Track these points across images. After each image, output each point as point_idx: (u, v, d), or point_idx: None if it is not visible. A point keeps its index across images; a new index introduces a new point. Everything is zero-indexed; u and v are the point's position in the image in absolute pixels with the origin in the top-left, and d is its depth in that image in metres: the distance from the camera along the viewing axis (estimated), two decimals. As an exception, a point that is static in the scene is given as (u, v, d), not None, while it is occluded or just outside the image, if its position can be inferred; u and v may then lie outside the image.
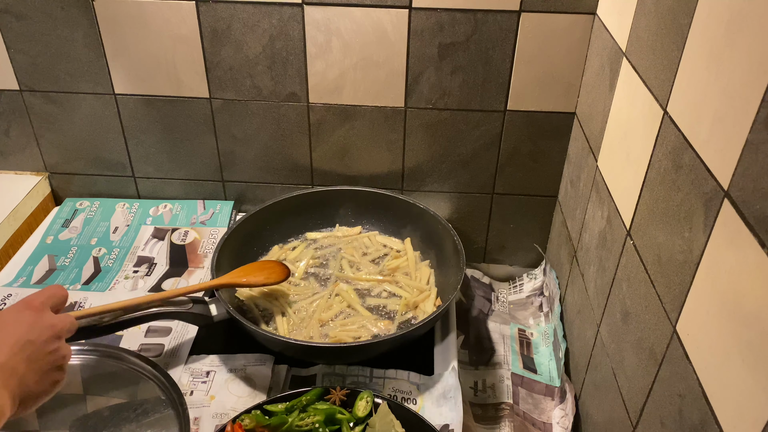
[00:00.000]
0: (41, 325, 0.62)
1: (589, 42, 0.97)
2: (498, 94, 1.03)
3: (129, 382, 0.81)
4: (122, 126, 1.13)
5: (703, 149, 0.55)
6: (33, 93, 1.10)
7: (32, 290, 1.01)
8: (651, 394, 0.64)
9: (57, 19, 1.02)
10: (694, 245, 0.55)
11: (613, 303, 0.78)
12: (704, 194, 0.54)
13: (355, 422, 0.78)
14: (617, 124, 0.81)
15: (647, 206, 0.68)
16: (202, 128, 1.11)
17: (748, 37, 0.49)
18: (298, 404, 0.78)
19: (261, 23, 0.99)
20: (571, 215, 1.02)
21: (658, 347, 0.62)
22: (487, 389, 0.97)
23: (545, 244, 1.20)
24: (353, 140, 1.10)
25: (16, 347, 0.59)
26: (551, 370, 1.01)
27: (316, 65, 1.03)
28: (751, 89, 0.47)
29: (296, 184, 1.16)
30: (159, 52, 1.04)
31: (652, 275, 0.66)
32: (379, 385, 0.87)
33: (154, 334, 0.94)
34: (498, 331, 1.08)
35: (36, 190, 1.17)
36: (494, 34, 0.97)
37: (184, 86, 1.07)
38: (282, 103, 1.07)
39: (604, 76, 0.87)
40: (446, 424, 0.81)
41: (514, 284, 1.21)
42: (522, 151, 1.09)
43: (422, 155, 1.11)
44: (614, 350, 0.77)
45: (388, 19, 0.97)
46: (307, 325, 0.93)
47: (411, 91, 1.04)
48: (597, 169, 0.88)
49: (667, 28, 0.65)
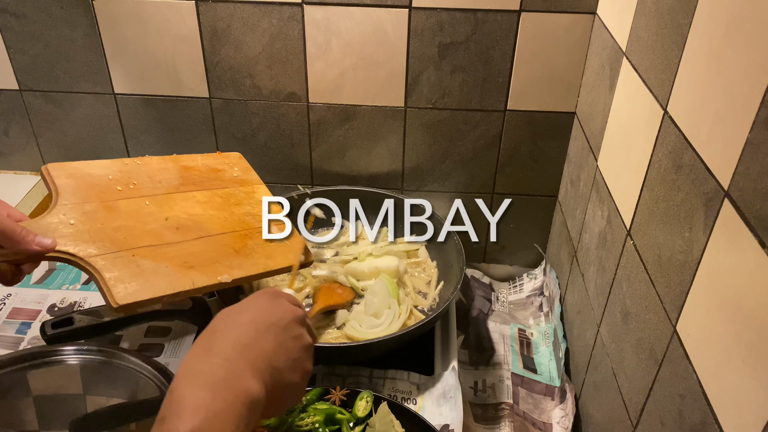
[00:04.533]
0: (283, 309, 0.59)
1: (589, 42, 0.96)
2: (498, 94, 1.03)
3: (129, 382, 0.81)
4: (122, 126, 1.13)
5: (703, 149, 0.55)
6: (32, 93, 1.10)
7: (32, 290, 1.01)
8: (651, 394, 0.64)
9: (56, 19, 1.02)
10: (694, 245, 0.55)
11: (614, 303, 0.78)
12: (704, 194, 0.54)
13: (355, 422, 0.78)
14: (617, 123, 0.81)
15: (647, 206, 0.68)
16: (201, 128, 1.11)
17: (748, 37, 0.48)
18: (298, 404, 0.78)
19: (261, 23, 0.99)
20: (571, 215, 1.02)
21: (659, 347, 0.62)
22: (487, 389, 0.97)
23: (545, 244, 1.19)
24: (353, 140, 1.10)
25: (262, 327, 0.56)
26: (551, 370, 1.01)
27: (316, 65, 1.03)
28: (752, 89, 0.47)
29: (296, 184, 1.16)
30: (159, 52, 1.04)
31: (652, 275, 0.66)
32: (379, 385, 0.87)
33: (154, 334, 0.94)
34: (498, 331, 1.08)
35: (35, 189, 1.17)
36: (494, 33, 0.97)
37: (184, 86, 1.07)
38: (282, 102, 1.07)
39: (604, 76, 0.87)
40: (446, 424, 0.81)
41: (514, 284, 1.21)
42: (522, 151, 1.09)
43: (422, 155, 1.11)
44: (614, 350, 0.77)
45: (388, 19, 0.97)
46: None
47: (411, 91, 1.04)
48: (597, 169, 0.88)
49: (668, 28, 0.65)
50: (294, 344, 0.58)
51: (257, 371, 0.52)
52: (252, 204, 0.89)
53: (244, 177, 0.94)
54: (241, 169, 0.96)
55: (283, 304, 0.60)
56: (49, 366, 0.79)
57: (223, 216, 0.84)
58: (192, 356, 0.52)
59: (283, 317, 0.58)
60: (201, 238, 0.79)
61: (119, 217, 0.75)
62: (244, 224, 0.85)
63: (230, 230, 0.83)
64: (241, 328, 0.55)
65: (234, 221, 0.84)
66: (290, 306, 0.61)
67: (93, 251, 0.69)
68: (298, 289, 0.98)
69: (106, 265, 0.69)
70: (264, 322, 0.56)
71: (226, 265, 0.77)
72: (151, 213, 0.79)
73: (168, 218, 0.79)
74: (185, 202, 0.83)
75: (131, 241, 0.73)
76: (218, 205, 0.86)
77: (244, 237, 0.83)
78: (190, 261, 0.74)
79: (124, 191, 0.80)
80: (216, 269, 0.76)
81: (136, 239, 0.73)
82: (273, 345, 0.55)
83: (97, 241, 0.71)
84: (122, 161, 0.85)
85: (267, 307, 0.59)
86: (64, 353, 0.80)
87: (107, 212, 0.75)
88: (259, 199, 0.91)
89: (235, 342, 0.53)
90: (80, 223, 0.72)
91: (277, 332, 0.57)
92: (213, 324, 0.56)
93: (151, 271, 0.71)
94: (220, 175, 0.91)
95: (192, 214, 0.82)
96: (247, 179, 0.94)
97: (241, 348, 0.53)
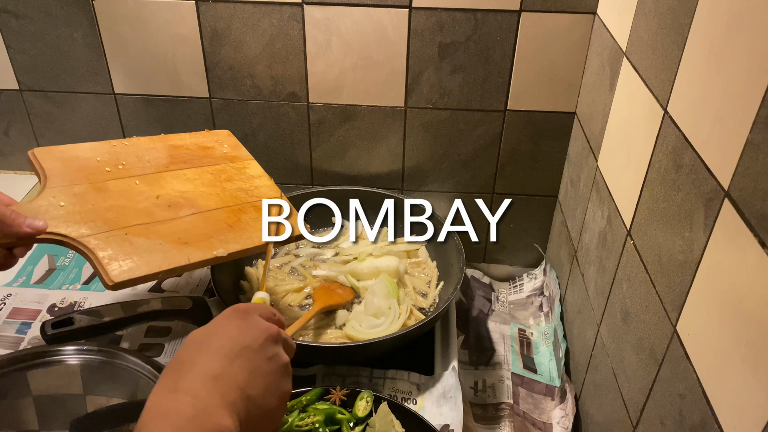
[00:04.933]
0: (255, 329, 0.55)
1: (589, 42, 0.96)
2: (498, 94, 1.03)
3: (129, 382, 0.81)
4: (122, 126, 1.12)
5: (703, 149, 0.55)
6: (32, 93, 1.10)
7: (32, 290, 1.01)
8: (651, 394, 0.64)
9: (57, 19, 1.02)
10: (694, 245, 0.55)
11: (614, 303, 0.78)
12: (704, 194, 0.54)
13: (355, 422, 0.78)
14: (617, 123, 0.81)
15: (647, 206, 0.68)
16: (202, 128, 1.11)
17: (748, 37, 0.48)
18: (298, 404, 0.78)
19: (261, 23, 0.99)
20: (572, 215, 1.02)
21: (659, 347, 0.62)
22: (487, 389, 0.97)
23: (545, 244, 1.19)
24: (353, 140, 1.10)
25: (233, 353, 0.51)
26: (551, 370, 1.01)
27: (316, 65, 1.03)
28: (752, 89, 0.47)
29: (296, 184, 1.16)
30: (159, 52, 1.04)
31: (652, 275, 0.66)
32: (379, 385, 0.87)
33: (154, 334, 0.94)
34: (498, 331, 1.08)
35: (36, 190, 1.17)
36: (494, 33, 0.97)
37: (184, 86, 1.07)
38: (282, 102, 1.07)
39: (605, 76, 0.87)
40: (446, 424, 0.81)
41: (514, 284, 1.21)
42: (522, 151, 1.09)
43: (422, 155, 1.11)
44: (614, 350, 0.77)
45: (388, 19, 0.97)
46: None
47: (411, 91, 1.04)
48: (597, 169, 0.88)
49: (668, 28, 0.65)
50: (269, 366, 0.54)
51: (230, 405, 0.49)
52: (243, 179, 0.89)
53: (234, 153, 0.94)
54: (231, 145, 0.96)
55: (254, 323, 0.56)
56: (49, 366, 0.79)
57: (215, 192, 0.84)
58: (160, 391, 0.49)
59: (255, 339, 0.54)
60: (194, 214, 0.79)
61: (109, 198, 0.75)
62: (237, 199, 0.84)
63: (223, 205, 0.82)
64: (210, 358, 0.51)
65: (226, 197, 0.84)
66: (262, 323, 0.56)
67: (85, 231, 0.69)
68: (297, 289, 0.98)
69: (99, 245, 0.69)
70: (235, 347, 0.52)
71: (221, 239, 0.76)
72: (141, 192, 0.78)
73: (159, 196, 0.79)
74: (176, 180, 0.83)
75: (123, 220, 0.73)
76: (209, 181, 0.85)
77: (238, 212, 0.82)
78: (184, 237, 0.74)
79: (113, 172, 0.79)
80: (211, 244, 0.75)
81: (127, 218, 0.73)
82: (246, 372, 0.52)
83: (88, 221, 0.71)
84: (110, 143, 0.85)
85: (237, 329, 0.55)
86: (64, 353, 0.80)
87: (97, 193, 0.75)
88: (250, 174, 0.91)
89: (204, 375, 0.49)
90: (70, 204, 0.72)
91: (250, 356, 0.53)
92: (181, 353, 0.52)
93: (145, 248, 0.71)
94: (210, 153, 0.91)
95: (183, 192, 0.81)
96: (238, 155, 0.94)
97: (211, 381, 0.49)
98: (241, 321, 0.56)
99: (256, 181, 0.90)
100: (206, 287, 1.04)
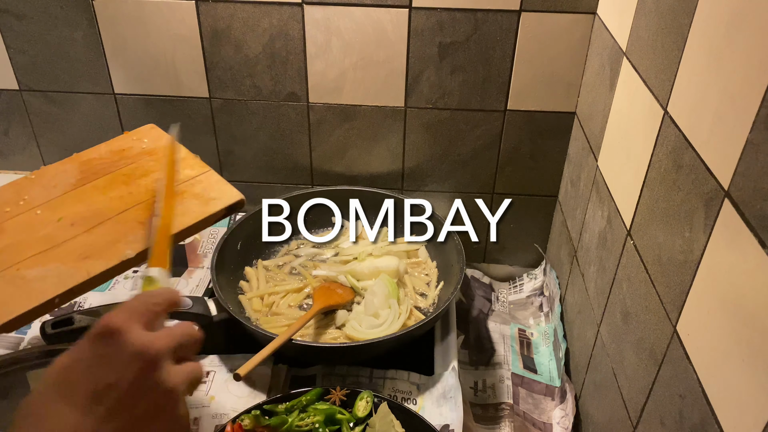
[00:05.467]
0: (122, 358, 0.42)
1: (589, 42, 0.96)
2: (498, 94, 1.03)
3: (129, 382, 0.80)
4: (122, 126, 1.13)
5: (703, 149, 0.55)
6: (32, 93, 1.10)
7: (32, 290, 1.01)
8: (651, 394, 0.64)
9: (56, 19, 1.02)
10: (694, 245, 0.55)
11: (614, 303, 0.78)
12: (704, 194, 0.54)
13: (355, 422, 0.78)
14: (617, 123, 0.81)
15: (647, 206, 0.68)
16: (201, 128, 1.11)
17: (748, 37, 0.48)
18: (298, 404, 0.78)
19: (261, 23, 0.99)
20: (572, 215, 1.02)
21: (659, 347, 0.62)
22: (487, 389, 0.97)
23: (545, 244, 1.19)
24: (353, 140, 1.10)
25: (91, 400, 0.40)
26: (551, 370, 1.01)
27: (316, 65, 1.03)
28: (752, 89, 0.47)
29: (296, 184, 1.16)
30: (158, 52, 1.04)
31: (652, 275, 0.66)
32: (379, 385, 0.87)
33: (153, 334, 0.94)
34: (498, 331, 1.08)
35: None
36: (494, 33, 0.97)
37: (183, 86, 1.07)
38: (282, 102, 1.07)
39: (605, 76, 0.87)
40: (446, 424, 0.81)
41: (514, 284, 1.21)
42: (522, 151, 1.09)
43: (422, 155, 1.11)
44: (614, 350, 0.77)
45: (388, 19, 0.97)
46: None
47: (411, 91, 1.04)
48: (597, 169, 0.88)
49: (668, 28, 0.65)
50: (146, 404, 0.42)
51: None
52: (161, 169, 0.86)
53: (153, 146, 0.92)
54: (151, 138, 0.93)
55: (122, 350, 0.42)
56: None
57: (127, 192, 0.82)
58: None
59: (122, 374, 0.41)
60: (100, 224, 0.77)
61: (5, 237, 0.74)
62: (151, 193, 0.82)
63: (133, 204, 0.81)
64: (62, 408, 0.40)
65: (140, 193, 0.82)
66: (134, 346, 0.42)
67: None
68: (297, 290, 0.98)
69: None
70: (96, 388, 0.41)
71: (130, 240, 0.75)
72: (42, 220, 0.77)
73: (61, 218, 0.78)
74: (82, 195, 0.82)
75: (16, 256, 0.72)
76: (122, 183, 0.84)
77: (151, 205, 0.80)
78: (86, 252, 0.73)
79: (12, 211, 0.79)
80: (118, 249, 0.74)
81: (22, 252, 0.72)
82: (112, 424, 0.41)
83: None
84: (13, 183, 0.85)
85: (99, 361, 0.42)
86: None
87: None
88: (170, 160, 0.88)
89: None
90: None
91: (117, 399, 0.41)
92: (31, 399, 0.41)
93: (37, 278, 0.69)
94: (125, 154, 0.89)
95: (90, 205, 0.80)
96: (156, 147, 0.92)
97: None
98: (105, 348, 0.42)
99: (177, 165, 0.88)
100: (206, 287, 1.04)
